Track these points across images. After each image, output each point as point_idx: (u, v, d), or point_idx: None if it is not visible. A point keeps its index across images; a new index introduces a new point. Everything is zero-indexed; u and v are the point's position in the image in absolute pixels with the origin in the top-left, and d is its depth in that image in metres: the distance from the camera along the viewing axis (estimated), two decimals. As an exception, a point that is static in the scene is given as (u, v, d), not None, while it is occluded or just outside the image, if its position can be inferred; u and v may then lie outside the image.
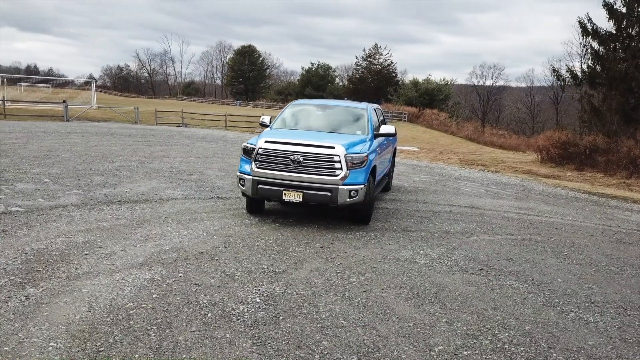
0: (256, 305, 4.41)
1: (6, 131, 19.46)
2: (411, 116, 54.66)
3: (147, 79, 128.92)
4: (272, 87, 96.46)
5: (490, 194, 12.23)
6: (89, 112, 35.65)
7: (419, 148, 32.44)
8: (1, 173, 10.03)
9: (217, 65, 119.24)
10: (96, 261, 5.27)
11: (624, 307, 5.09)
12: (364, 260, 5.99)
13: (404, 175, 14.66)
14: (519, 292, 5.29)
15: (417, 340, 4.00)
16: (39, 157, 12.60)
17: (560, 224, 9.20)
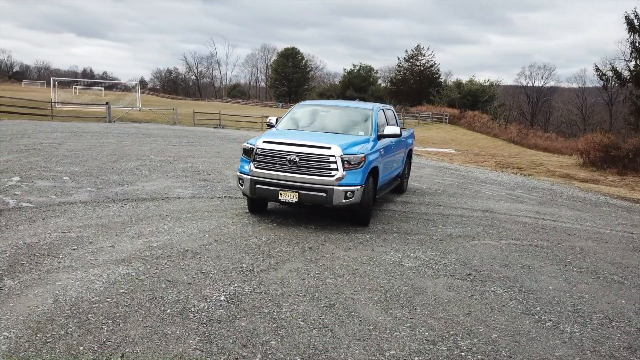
0: (218, 303, 4.45)
1: (49, 131, 20.41)
2: (452, 118, 53.64)
3: (195, 82, 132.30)
4: (314, 89, 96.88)
5: (512, 198, 11.84)
6: (132, 114, 36.94)
7: (457, 150, 31.82)
8: (28, 170, 10.52)
9: (262, 67, 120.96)
10: (81, 256, 5.46)
11: (610, 318, 4.81)
12: (349, 262, 5.92)
13: (427, 177, 14.40)
14: (500, 299, 5.10)
15: (371, 344, 3.92)
16: (69, 156, 13.14)
17: (576, 229, 8.80)
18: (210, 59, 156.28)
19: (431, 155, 24.94)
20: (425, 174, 15.39)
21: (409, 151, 11.24)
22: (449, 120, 53.28)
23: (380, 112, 9.12)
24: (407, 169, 11.39)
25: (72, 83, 68.44)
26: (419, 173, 15.44)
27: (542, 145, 46.07)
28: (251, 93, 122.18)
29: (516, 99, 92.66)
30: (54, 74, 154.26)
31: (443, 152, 29.84)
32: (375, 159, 7.93)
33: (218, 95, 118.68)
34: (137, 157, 14.05)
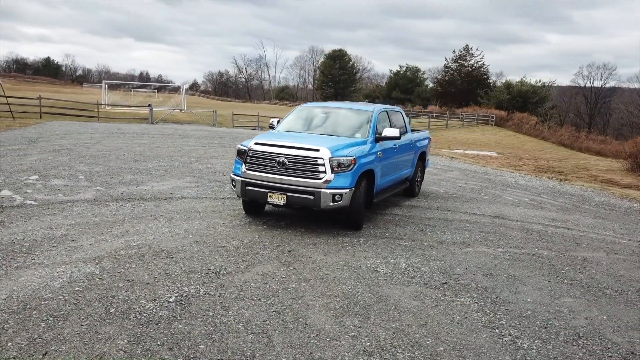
0: (165, 304, 4.47)
1: (89, 132, 21.30)
2: (499, 120, 52.05)
3: (244, 84, 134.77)
4: (360, 90, 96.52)
5: (532, 204, 11.33)
6: (176, 115, 38.03)
7: (498, 153, 30.84)
8: (49, 170, 11.00)
9: (309, 69, 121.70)
10: (57, 254, 5.63)
11: (580, 335, 4.49)
12: (322, 267, 5.82)
13: (450, 181, 14.01)
14: (465, 310, 4.87)
15: (303, 352, 3.83)
16: (95, 156, 13.65)
17: (588, 238, 8.30)
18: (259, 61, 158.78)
19: (467, 158, 24.26)
20: (449, 177, 14.98)
21: (422, 154, 10.95)
22: (495, 122, 51.75)
23: (382, 114, 8.94)
24: (420, 172, 11.11)
25: (122, 86, 71.31)
26: (443, 176, 15.06)
27: (594, 149, 43.98)
28: (299, 95, 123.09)
29: (573, 100, 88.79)
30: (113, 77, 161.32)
31: (482, 154, 29.00)
32: (369, 161, 7.76)
33: (267, 98, 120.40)
34: (161, 157, 14.41)
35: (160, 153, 15.44)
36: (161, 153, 15.45)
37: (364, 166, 7.55)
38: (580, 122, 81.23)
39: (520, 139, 44.63)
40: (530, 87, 63.41)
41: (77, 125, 25.06)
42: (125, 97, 56.01)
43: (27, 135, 18.57)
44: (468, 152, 29.52)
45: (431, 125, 46.01)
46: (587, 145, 44.35)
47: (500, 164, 22.66)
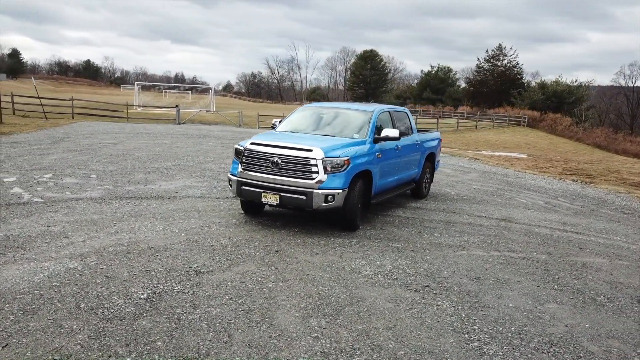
0: (136, 301, 4.55)
1: (115, 132, 21.88)
2: (531, 120, 50.78)
3: (276, 85, 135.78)
4: (391, 91, 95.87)
5: (546, 207, 11.02)
6: (204, 116, 38.64)
7: (527, 155, 30.09)
8: (64, 168, 11.36)
9: (341, 70, 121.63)
10: (46, 249, 5.80)
11: (553, 343, 4.34)
12: (304, 267, 5.82)
13: (466, 183, 13.77)
14: (439, 314, 4.78)
15: (260, 352, 3.83)
16: (114, 156, 14.01)
17: (596, 243, 8.02)
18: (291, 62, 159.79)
19: (492, 159, 23.75)
20: (466, 179, 14.73)
21: (430, 155, 10.80)
22: (528, 123, 50.53)
23: (383, 115, 8.86)
24: (429, 173, 10.95)
25: (154, 87, 72.93)
26: (460, 178, 14.82)
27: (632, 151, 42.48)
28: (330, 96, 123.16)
29: (614, 100, 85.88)
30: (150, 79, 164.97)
31: (510, 156, 28.36)
32: (366, 162, 7.71)
33: (298, 99, 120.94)
34: (177, 157, 14.67)
35: (178, 153, 15.72)
36: (179, 153, 15.73)
37: (359, 167, 7.50)
38: (621, 124, 78.49)
39: (553, 141, 43.45)
40: (566, 87, 61.64)
41: (105, 125, 25.77)
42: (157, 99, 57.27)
43: (54, 135, 19.20)
44: (495, 154, 28.94)
45: (460, 126, 45.31)
46: (625, 147, 42.84)
47: (526, 166, 22.10)
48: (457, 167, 17.58)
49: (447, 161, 19.57)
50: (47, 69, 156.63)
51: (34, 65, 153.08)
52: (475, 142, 35.06)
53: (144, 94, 58.35)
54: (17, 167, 11.24)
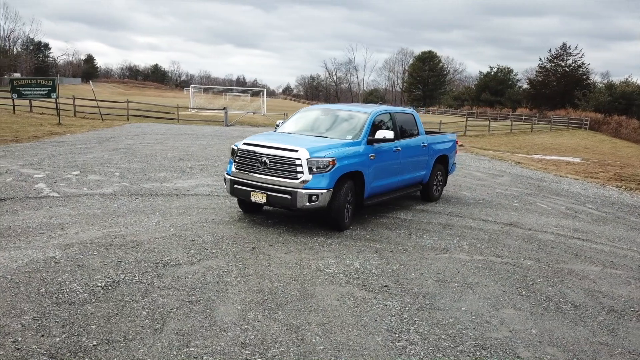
0: (91, 289, 4.90)
1: (160, 133, 22.95)
2: (594, 123, 48.22)
3: (334, 87, 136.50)
4: (449, 92, 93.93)
5: (565, 213, 10.60)
6: (254, 118, 39.61)
7: (582, 159, 28.69)
8: (93, 166, 12.13)
9: (398, 72, 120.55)
10: (38, 239, 6.32)
11: (485, 347, 4.28)
12: (272, 264, 6.00)
13: (490, 186, 13.46)
14: (382, 314, 4.82)
15: (183, 340, 4.05)
16: (147, 155, 14.77)
17: (597, 250, 7.68)
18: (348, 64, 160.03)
19: (537, 163, 22.84)
20: (493, 183, 14.36)
21: (441, 157, 10.66)
22: (589, 126, 48.01)
23: (382, 117, 8.86)
24: (441, 176, 10.81)
25: (208, 90, 75.36)
26: (488, 182, 14.47)
27: None
28: (388, 98, 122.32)
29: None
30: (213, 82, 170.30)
31: (561, 160, 27.16)
32: (355, 163, 7.78)
33: (355, 100, 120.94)
34: (207, 157, 15.24)
35: (210, 153, 16.31)
36: (211, 153, 16.32)
37: (347, 167, 7.58)
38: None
39: (616, 145, 41.05)
40: (636, 88, 58.08)
41: (154, 126, 27.02)
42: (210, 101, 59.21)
43: (102, 135, 20.42)
44: (546, 158, 27.81)
45: (514, 129, 43.81)
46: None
47: (573, 171, 21.11)
48: (491, 171, 17.13)
49: (483, 164, 19.10)
50: (119, 73, 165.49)
51: (107, 70, 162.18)
52: (528, 145, 33.76)
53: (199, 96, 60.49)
54: (53, 164, 12.12)
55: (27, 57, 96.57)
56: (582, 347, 4.44)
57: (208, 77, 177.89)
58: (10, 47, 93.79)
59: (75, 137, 19.38)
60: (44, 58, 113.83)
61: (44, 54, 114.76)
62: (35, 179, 10.18)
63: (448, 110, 74.90)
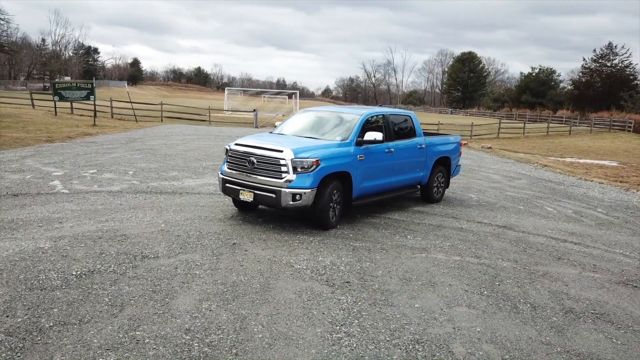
0: (66, 277, 5.31)
1: (187, 134, 23.70)
2: (638, 126, 46.29)
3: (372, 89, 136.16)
4: (489, 94, 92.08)
5: (569, 217, 10.44)
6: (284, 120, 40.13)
7: (619, 163, 27.70)
8: (111, 165, 12.78)
9: (438, 73, 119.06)
10: (35, 232, 6.82)
11: (419, 342, 4.42)
12: (245, 259, 6.28)
13: (500, 189, 13.34)
14: (332, 308, 5.01)
15: (132, 324, 4.38)
16: (166, 155, 15.38)
17: (584, 254, 7.60)
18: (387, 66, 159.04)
19: (566, 166, 22.23)
20: (508, 185, 14.22)
21: (442, 159, 10.69)
22: (633, 129, 46.12)
23: (373, 118, 9.00)
24: (443, 177, 10.84)
25: (243, 92, 76.72)
26: (503, 184, 14.34)
27: None
28: (427, 99, 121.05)
29: None
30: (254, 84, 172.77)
31: (596, 164, 26.33)
32: (342, 163, 7.98)
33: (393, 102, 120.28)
34: (222, 158, 15.66)
35: (229, 154, 16.76)
36: (229, 154, 16.76)
37: (332, 168, 7.79)
38: None
39: (660, 148, 39.25)
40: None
41: (184, 128, 27.88)
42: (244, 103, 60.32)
43: (131, 136, 21.30)
44: (579, 161, 27.03)
45: (551, 131, 42.64)
46: None
47: (603, 175, 20.47)
48: (510, 174, 16.90)
49: (504, 167, 18.84)
50: (164, 76, 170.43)
51: (153, 73, 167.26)
52: (564, 148, 32.86)
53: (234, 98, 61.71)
54: (74, 163, 12.84)
55: (77, 61, 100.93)
56: (521, 345, 4.50)
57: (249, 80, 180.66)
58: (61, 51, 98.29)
59: (106, 137, 20.30)
60: (93, 62, 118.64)
61: (93, 58, 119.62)
62: (52, 176, 10.84)
63: (487, 112, 73.46)
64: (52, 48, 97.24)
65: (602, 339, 4.75)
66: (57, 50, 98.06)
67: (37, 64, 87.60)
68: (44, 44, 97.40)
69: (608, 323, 5.13)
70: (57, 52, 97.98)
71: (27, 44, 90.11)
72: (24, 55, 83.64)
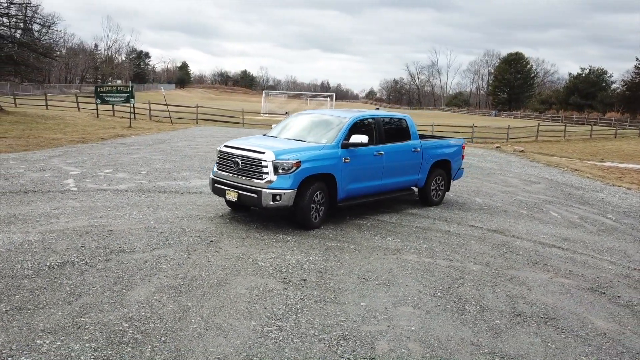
0: (39, 267, 5.75)
1: (216, 136, 24.40)
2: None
3: (416, 91, 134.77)
4: (536, 96, 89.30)
5: (571, 223, 10.22)
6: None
7: (658, 167, 26.43)
8: (129, 165, 13.43)
9: (483, 75, 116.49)
10: (30, 226, 7.37)
11: (345, 337, 4.57)
12: (215, 256, 6.57)
13: (513, 193, 13.15)
14: (276, 303, 5.22)
15: (80, 311, 4.75)
16: (186, 156, 15.99)
17: (567, 259, 7.48)
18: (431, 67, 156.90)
19: (600, 171, 21.43)
20: (523, 189, 13.98)
21: (441, 162, 10.67)
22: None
23: (361, 122, 9.09)
24: (442, 181, 10.82)
25: (279, 94, 77.74)
26: (518, 188, 14.12)
27: None
28: (472, 101, 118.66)
29: None
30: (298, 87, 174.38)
31: (636, 168, 25.27)
32: (326, 165, 8.17)
33: (437, 104, 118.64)
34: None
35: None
36: (248, 155, 17.20)
37: (313, 170, 8.00)
38: None
39: None
40: None
41: (216, 129, 28.66)
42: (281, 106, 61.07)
43: (161, 137, 22.15)
44: (619, 166, 26.00)
45: (595, 134, 41.04)
46: None
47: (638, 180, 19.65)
48: (531, 178, 16.54)
49: (528, 171, 18.45)
50: (211, 79, 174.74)
51: (201, 76, 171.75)
52: (606, 152, 31.59)
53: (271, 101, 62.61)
54: (95, 163, 13.58)
55: (128, 65, 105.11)
56: (449, 345, 4.57)
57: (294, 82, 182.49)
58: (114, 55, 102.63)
59: (137, 139, 21.20)
60: (144, 66, 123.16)
61: (144, 62, 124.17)
62: (68, 175, 11.54)
63: (532, 115, 71.32)
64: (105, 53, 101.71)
65: (538, 342, 4.74)
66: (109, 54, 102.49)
67: (90, 68, 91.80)
68: (96, 49, 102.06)
69: (552, 327, 5.10)
70: (110, 57, 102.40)
71: (82, 49, 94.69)
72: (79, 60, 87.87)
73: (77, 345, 4.13)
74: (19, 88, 53.89)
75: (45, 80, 78.14)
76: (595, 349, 4.71)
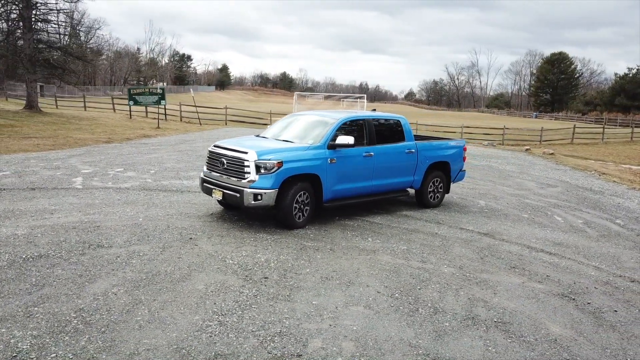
0: (13, 259, 6.05)
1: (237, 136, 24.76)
2: None
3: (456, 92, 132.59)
4: (580, 97, 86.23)
5: (574, 227, 9.93)
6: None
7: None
8: (142, 164, 13.88)
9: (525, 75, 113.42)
10: (23, 220, 7.77)
11: (281, 334, 4.63)
12: (187, 253, 6.75)
13: (524, 196, 12.87)
14: (227, 299, 5.34)
15: (39, 302, 5.01)
16: (202, 156, 16.35)
17: (552, 264, 7.30)
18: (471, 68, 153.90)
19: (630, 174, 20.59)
20: (535, 193, 13.66)
21: (439, 164, 10.55)
22: None
23: (351, 123, 9.11)
24: (440, 182, 10.71)
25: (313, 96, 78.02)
26: (531, 191, 13.81)
27: None
28: (514, 102, 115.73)
29: None
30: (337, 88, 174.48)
31: None
32: (310, 166, 8.25)
33: (477, 105, 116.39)
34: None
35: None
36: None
37: (296, 170, 8.10)
38: None
39: None
40: None
41: (241, 130, 29.09)
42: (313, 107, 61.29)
43: (184, 138, 22.72)
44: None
45: (635, 137, 39.33)
46: None
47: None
48: (549, 181, 16.10)
49: (550, 174, 17.96)
50: (251, 81, 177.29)
51: (241, 78, 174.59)
52: None
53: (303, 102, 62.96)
54: (109, 162, 14.11)
55: (171, 67, 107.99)
56: (384, 345, 4.57)
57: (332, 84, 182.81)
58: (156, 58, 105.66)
59: (161, 139, 21.83)
60: (186, 68, 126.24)
61: (186, 64, 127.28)
62: (80, 173, 12.05)
63: (574, 117, 68.97)
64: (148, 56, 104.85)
65: (479, 346, 4.67)
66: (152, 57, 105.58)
67: (133, 70, 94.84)
68: (139, 52, 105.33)
69: (502, 332, 5.01)
70: (153, 59, 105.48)
71: (126, 52, 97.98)
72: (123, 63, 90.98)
73: (20, 332, 4.36)
74: (64, 90, 56.36)
75: (91, 82, 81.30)
76: (538, 354, 4.60)
